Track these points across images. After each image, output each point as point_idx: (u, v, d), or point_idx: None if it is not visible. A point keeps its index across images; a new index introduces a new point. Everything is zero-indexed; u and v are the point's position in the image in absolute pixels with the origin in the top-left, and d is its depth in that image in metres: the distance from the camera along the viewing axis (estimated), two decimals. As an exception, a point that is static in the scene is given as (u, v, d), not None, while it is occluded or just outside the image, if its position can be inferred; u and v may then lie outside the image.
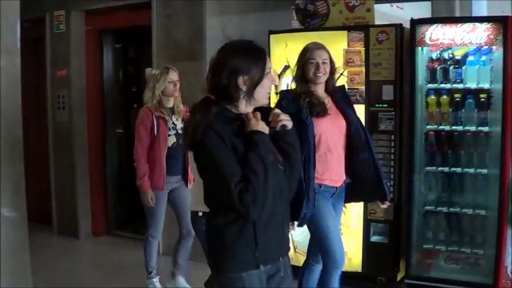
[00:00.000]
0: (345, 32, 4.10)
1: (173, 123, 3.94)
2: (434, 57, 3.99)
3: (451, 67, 3.94)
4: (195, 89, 4.83)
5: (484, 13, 4.78)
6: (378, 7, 4.65)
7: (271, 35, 4.35)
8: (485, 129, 3.86)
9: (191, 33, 4.92)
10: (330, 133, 3.04)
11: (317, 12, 4.36)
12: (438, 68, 3.96)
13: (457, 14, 4.52)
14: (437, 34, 3.89)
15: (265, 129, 1.99)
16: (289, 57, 4.15)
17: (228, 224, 1.96)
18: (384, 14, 5.46)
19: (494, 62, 3.83)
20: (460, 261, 3.97)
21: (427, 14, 4.70)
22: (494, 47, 3.81)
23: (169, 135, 3.90)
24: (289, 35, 4.31)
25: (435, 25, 3.91)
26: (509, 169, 3.74)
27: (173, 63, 4.25)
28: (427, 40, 3.91)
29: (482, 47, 3.84)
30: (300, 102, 3.01)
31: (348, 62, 4.06)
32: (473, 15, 4.59)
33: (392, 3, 6.09)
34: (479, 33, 3.79)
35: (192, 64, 4.77)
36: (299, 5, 4.43)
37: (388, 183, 3.65)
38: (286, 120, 2.05)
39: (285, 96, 3.11)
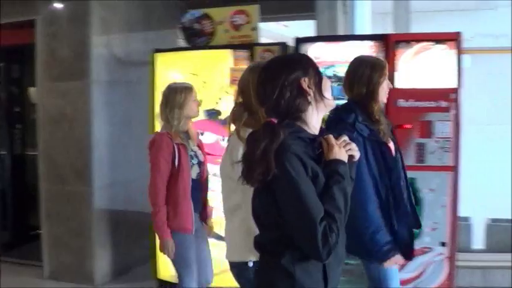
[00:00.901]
0: (231, 50, 4.48)
1: (191, 149, 3.69)
2: None
3: (334, 84, 4.34)
4: (80, 108, 5.02)
5: (367, 32, 5.35)
6: (264, 25, 5.06)
7: (156, 54, 4.63)
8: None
9: (76, 52, 5.11)
10: None
11: (203, 30, 4.72)
12: None
13: (341, 32, 5.06)
14: (320, 52, 4.36)
15: (346, 158, 1.94)
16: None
17: (296, 261, 1.91)
18: (269, 32, 5.95)
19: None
20: (347, 273, 4.28)
21: (313, 32, 5.20)
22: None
23: (192, 164, 3.64)
24: (175, 54, 4.61)
25: (319, 43, 4.39)
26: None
27: (57, 83, 4.38)
28: None
29: (365, 64, 4.34)
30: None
31: (233, 81, 4.39)
32: (357, 33, 5.15)
33: (278, 22, 6.58)
34: (362, 51, 4.27)
35: (76, 84, 4.93)
36: (185, 23, 4.76)
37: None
38: (354, 150, 1.99)
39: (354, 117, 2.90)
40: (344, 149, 1.93)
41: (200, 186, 3.67)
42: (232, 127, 2.59)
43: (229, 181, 2.50)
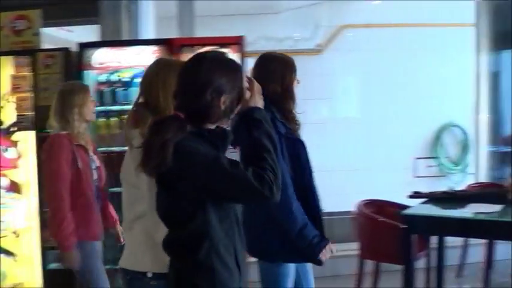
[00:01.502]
0: (12, 57, 4.65)
1: (91, 154, 3.70)
2: (102, 80, 4.84)
3: (120, 89, 4.81)
4: None
5: (152, 36, 5.81)
6: (47, 30, 5.28)
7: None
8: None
9: None
10: None
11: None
12: (106, 90, 4.81)
13: (126, 37, 5.50)
14: (105, 57, 4.74)
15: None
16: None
17: (213, 253, 2.03)
18: (54, 38, 6.19)
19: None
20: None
21: (98, 37, 5.60)
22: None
23: (93, 169, 3.66)
24: None
25: (103, 48, 4.77)
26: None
27: None
28: (95, 63, 4.73)
29: (150, 68, 4.87)
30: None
31: (14, 88, 4.60)
32: (142, 38, 5.60)
33: (61, 27, 6.84)
34: (146, 55, 4.73)
35: None
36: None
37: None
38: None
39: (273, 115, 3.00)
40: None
41: (98, 194, 3.68)
42: (132, 132, 2.56)
43: (132, 189, 2.55)
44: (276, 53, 3.21)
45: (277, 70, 3.04)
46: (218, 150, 2.04)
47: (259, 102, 2.17)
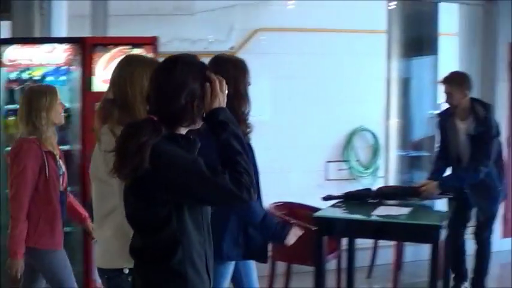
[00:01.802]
0: None
1: (58, 160, 3.75)
2: (12, 78, 4.95)
3: (31, 87, 4.95)
4: None
5: (65, 34, 5.95)
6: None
7: None
8: (66, 147, 4.82)
9: None
10: None
11: None
12: (17, 88, 4.93)
13: (38, 34, 5.62)
14: (16, 54, 4.87)
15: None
16: None
17: (187, 261, 2.08)
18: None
19: (73, 81, 5.01)
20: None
21: (8, 34, 5.72)
22: (72, 67, 4.98)
23: (60, 175, 3.72)
24: None
25: (14, 45, 4.89)
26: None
27: None
28: (5, 60, 4.84)
29: (61, 67, 5.01)
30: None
31: None
32: (54, 36, 5.73)
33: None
34: (58, 54, 4.94)
35: None
36: None
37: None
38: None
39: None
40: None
41: (62, 198, 3.75)
42: (102, 128, 2.64)
43: (103, 185, 2.61)
44: (228, 55, 3.43)
45: (229, 72, 3.13)
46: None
47: (222, 102, 2.13)
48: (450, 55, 7.60)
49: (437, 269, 4.05)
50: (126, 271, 2.56)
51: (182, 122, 2.11)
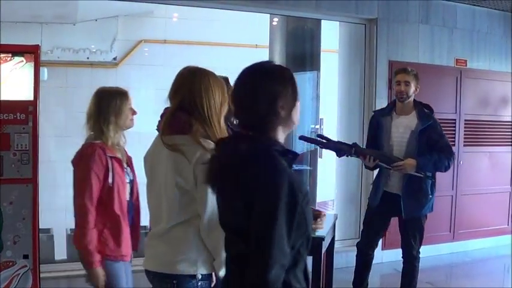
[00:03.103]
0: None
1: (125, 166, 3.61)
2: None
3: None
4: None
5: None
6: None
7: None
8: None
9: None
10: None
11: None
12: None
13: None
14: None
15: None
16: None
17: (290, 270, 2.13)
18: None
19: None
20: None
21: None
22: None
23: (127, 183, 3.58)
24: None
25: None
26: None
27: None
28: None
29: None
30: None
31: None
32: None
33: None
34: None
35: None
36: None
37: None
38: None
39: None
40: None
41: (131, 208, 3.64)
42: (178, 138, 2.71)
43: (185, 194, 2.71)
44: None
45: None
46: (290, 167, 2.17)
47: None
48: (332, 71, 8.00)
49: (320, 282, 4.30)
50: (199, 276, 2.73)
51: (276, 129, 2.20)
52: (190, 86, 2.75)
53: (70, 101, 7.51)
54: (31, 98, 4.64)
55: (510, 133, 8.08)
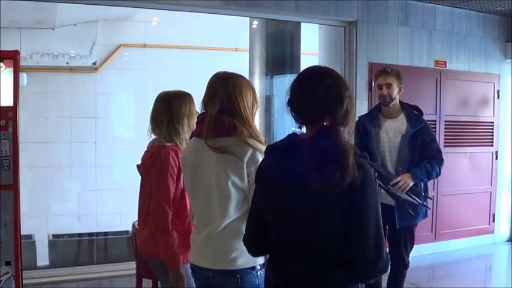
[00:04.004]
0: None
1: None
2: None
3: None
4: None
5: None
6: None
7: None
8: None
9: None
10: None
11: None
12: None
13: None
14: None
15: None
16: None
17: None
18: None
19: None
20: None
21: None
22: None
23: None
24: None
25: None
26: None
27: None
28: None
29: None
30: None
31: None
32: None
33: None
34: None
35: None
36: None
37: None
38: None
39: None
40: None
41: None
42: (224, 140, 2.87)
43: (241, 193, 2.90)
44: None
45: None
46: None
47: None
48: (312, 74, 8.01)
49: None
50: (258, 267, 2.94)
51: (348, 127, 2.39)
52: (226, 90, 2.91)
53: (50, 106, 7.53)
54: (11, 103, 4.66)
55: (490, 133, 8.19)
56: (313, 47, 8.04)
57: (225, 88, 2.91)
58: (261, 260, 2.92)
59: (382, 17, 7.23)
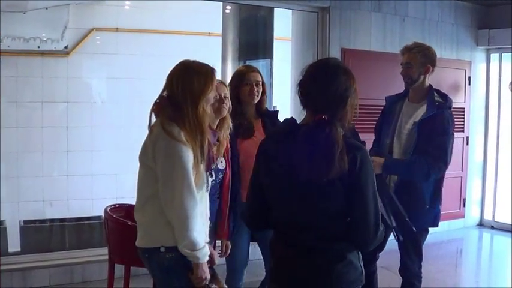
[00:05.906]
0: None
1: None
2: None
3: None
4: None
5: None
6: None
7: None
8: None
9: None
10: (250, 154, 3.14)
11: None
12: None
13: None
14: None
15: None
16: None
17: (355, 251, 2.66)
18: None
19: None
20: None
21: None
22: None
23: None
24: None
25: None
26: None
27: None
28: None
29: None
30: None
31: None
32: None
33: None
34: None
35: None
36: None
37: None
38: None
39: None
40: None
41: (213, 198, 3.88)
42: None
43: (149, 171, 3.09)
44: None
45: None
46: None
47: None
48: (285, 59, 8.15)
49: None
50: (163, 249, 3.07)
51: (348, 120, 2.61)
52: (172, 77, 3.18)
53: (21, 91, 7.48)
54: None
55: (462, 119, 8.30)
56: (286, 33, 8.11)
57: (174, 76, 3.18)
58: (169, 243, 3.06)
59: (355, 3, 7.30)
